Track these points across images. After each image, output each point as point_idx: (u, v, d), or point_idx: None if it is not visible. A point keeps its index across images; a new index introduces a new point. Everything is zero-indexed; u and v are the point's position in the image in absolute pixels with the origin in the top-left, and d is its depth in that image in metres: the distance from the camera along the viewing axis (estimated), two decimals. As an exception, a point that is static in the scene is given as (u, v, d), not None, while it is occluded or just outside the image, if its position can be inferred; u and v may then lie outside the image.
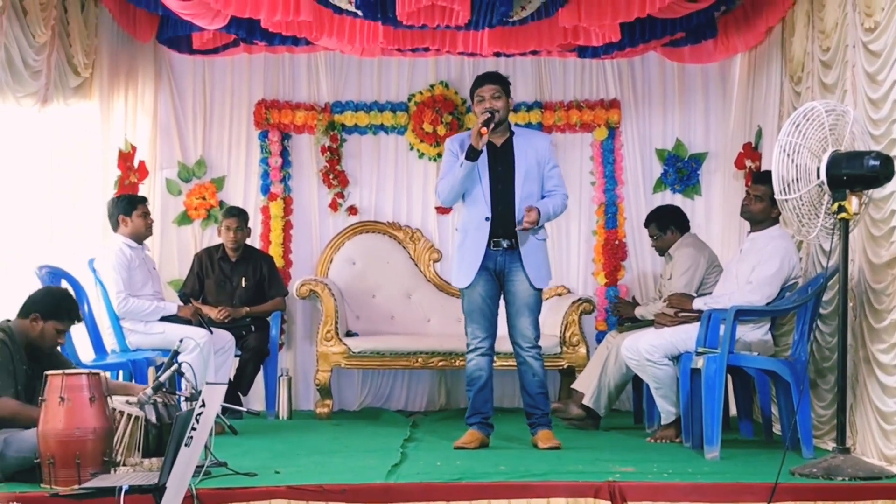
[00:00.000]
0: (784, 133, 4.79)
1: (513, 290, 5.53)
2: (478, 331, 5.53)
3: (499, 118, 5.45)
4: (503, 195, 5.48)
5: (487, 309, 5.53)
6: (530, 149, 5.55)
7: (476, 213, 5.50)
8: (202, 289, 7.14)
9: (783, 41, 6.45)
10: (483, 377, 5.52)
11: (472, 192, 5.50)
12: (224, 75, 7.75)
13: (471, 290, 5.51)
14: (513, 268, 5.51)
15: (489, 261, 5.50)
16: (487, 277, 5.51)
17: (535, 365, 5.53)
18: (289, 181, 7.73)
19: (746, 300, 5.48)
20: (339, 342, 6.98)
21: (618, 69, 7.78)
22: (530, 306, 5.53)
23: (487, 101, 5.46)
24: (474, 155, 5.37)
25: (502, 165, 5.51)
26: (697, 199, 7.68)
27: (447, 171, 5.54)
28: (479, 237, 5.48)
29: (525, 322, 5.52)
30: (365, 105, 7.77)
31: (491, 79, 5.55)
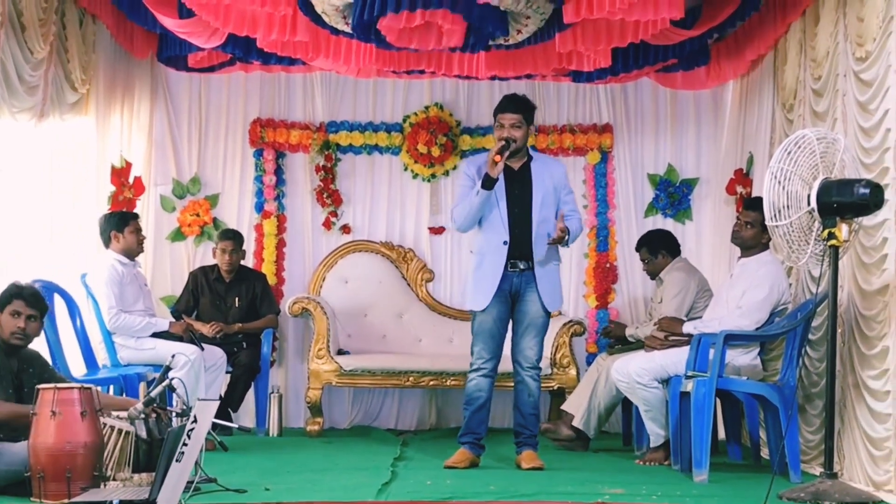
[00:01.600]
0: (775, 160, 4.80)
1: (524, 310, 5.51)
2: (484, 352, 5.50)
3: (516, 147, 5.44)
4: (520, 219, 5.47)
5: (497, 331, 5.51)
6: (547, 174, 5.54)
7: (493, 238, 5.48)
8: (196, 306, 7.14)
9: (775, 69, 6.48)
10: (482, 398, 5.50)
11: (488, 217, 5.48)
12: (220, 93, 7.76)
13: (483, 313, 5.50)
14: (527, 289, 5.50)
15: (505, 282, 5.48)
16: (502, 299, 5.49)
17: (532, 385, 5.52)
18: (283, 199, 7.74)
19: (736, 325, 5.49)
20: (331, 360, 6.97)
21: (611, 94, 7.81)
22: (538, 327, 5.52)
23: (506, 130, 5.43)
24: (490, 183, 5.36)
25: (519, 189, 5.49)
26: (688, 223, 7.70)
27: (462, 196, 5.53)
28: (496, 261, 5.46)
29: (530, 342, 5.51)
30: (360, 125, 7.78)
31: (514, 107, 5.48)
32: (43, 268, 6.16)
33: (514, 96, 5.62)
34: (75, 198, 6.69)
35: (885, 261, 4.79)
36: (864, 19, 4.97)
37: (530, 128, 5.54)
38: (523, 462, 5.48)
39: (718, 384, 5.27)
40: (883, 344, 4.77)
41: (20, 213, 6.20)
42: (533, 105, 5.61)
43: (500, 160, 5.30)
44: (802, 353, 5.41)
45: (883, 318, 4.80)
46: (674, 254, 6.68)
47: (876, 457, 4.76)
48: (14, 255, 6.08)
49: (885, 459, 4.67)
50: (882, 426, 4.73)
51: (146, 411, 4.48)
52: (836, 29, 5.41)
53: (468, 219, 5.47)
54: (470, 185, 5.48)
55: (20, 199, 6.20)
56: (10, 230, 6.04)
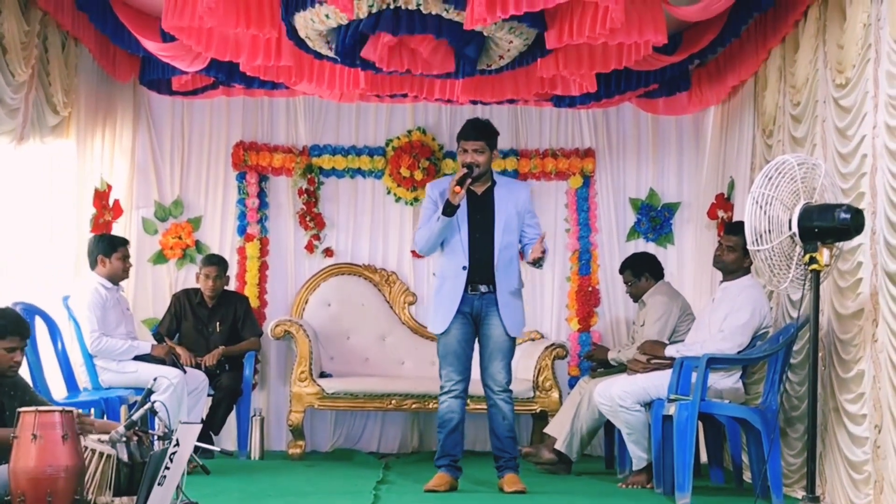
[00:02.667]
0: (757, 185, 4.83)
1: (487, 334, 5.52)
2: (452, 373, 5.51)
3: (479, 172, 5.45)
4: (481, 244, 5.48)
5: (462, 352, 5.52)
6: (511, 199, 5.55)
7: (454, 262, 5.50)
8: (178, 329, 7.10)
9: (756, 95, 6.52)
10: (455, 419, 5.50)
11: (450, 241, 5.50)
12: (203, 116, 7.75)
13: (446, 335, 5.51)
14: (489, 312, 5.51)
15: (465, 305, 5.50)
16: (463, 321, 5.51)
17: (504, 409, 5.51)
18: (265, 222, 7.72)
19: (718, 348, 5.50)
20: (313, 383, 6.94)
21: (593, 119, 7.84)
22: (503, 351, 5.53)
23: (469, 156, 5.45)
24: (451, 211, 5.37)
25: (482, 214, 5.51)
26: (670, 247, 7.72)
27: (425, 220, 5.54)
28: (455, 285, 5.48)
29: (497, 366, 5.51)
30: (343, 149, 7.79)
31: (476, 133, 5.49)
32: (23, 290, 6.12)
33: (476, 122, 5.62)
34: (56, 220, 6.65)
35: (860, 285, 4.81)
36: (844, 46, 5.01)
37: (494, 153, 5.54)
38: (506, 485, 5.47)
39: (701, 407, 5.26)
40: (858, 367, 4.79)
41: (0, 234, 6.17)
42: (495, 130, 5.60)
43: (461, 191, 5.31)
44: (784, 377, 5.42)
45: (858, 341, 4.82)
46: (657, 277, 6.70)
47: (856, 480, 4.77)
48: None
49: (864, 483, 4.68)
50: (860, 450, 4.75)
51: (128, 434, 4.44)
52: (815, 56, 5.45)
53: (428, 243, 5.50)
54: (433, 209, 5.49)
55: (0, 221, 6.17)
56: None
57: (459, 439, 5.56)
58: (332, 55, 5.95)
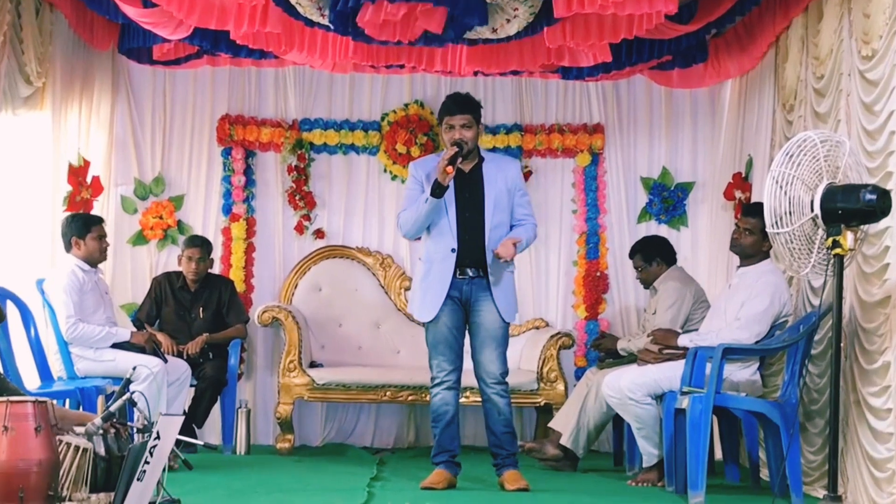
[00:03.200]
0: (776, 163, 4.82)
1: (479, 321, 5.51)
2: (444, 363, 5.51)
3: (468, 149, 5.45)
4: (471, 224, 5.48)
5: (454, 340, 5.52)
6: (500, 176, 5.55)
7: (441, 245, 5.50)
8: (159, 315, 7.10)
9: (776, 67, 6.50)
10: (450, 412, 5.51)
11: (437, 223, 5.50)
12: (186, 88, 7.73)
13: (435, 323, 5.51)
14: (480, 297, 5.50)
15: (454, 290, 5.50)
16: (453, 307, 5.51)
17: (500, 403, 5.51)
18: (252, 201, 7.72)
19: (734, 338, 5.50)
20: (303, 373, 6.94)
21: (602, 92, 7.82)
22: (497, 339, 5.52)
23: (457, 132, 5.45)
24: (440, 191, 5.36)
25: (470, 192, 5.51)
26: (683, 230, 7.72)
27: (410, 201, 5.54)
28: (444, 269, 5.48)
29: (490, 355, 5.51)
30: (335, 123, 7.78)
31: (461, 107, 5.50)
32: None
33: (457, 96, 5.63)
34: (29, 198, 6.64)
35: (887, 270, 4.81)
36: (871, 15, 4.99)
37: (480, 127, 5.56)
38: (507, 483, 5.48)
39: (716, 400, 5.27)
40: (884, 359, 4.79)
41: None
42: (479, 104, 5.61)
43: (452, 171, 5.30)
44: (804, 369, 5.42)
45: (884, 331, 4.82)
46: (669, 262, 6.70)
47: (879, 479, 4.78)
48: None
49: (888, 482, 4.69)
50: (884, 446, 4.75)
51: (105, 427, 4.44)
52: (840, 25, 5.43)
53: (414, 226, 5.50)
54: (418, 190, 5.49)
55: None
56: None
57: (456, 433, 5.58)
58: (324, 22, 5.93)
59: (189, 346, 6.88)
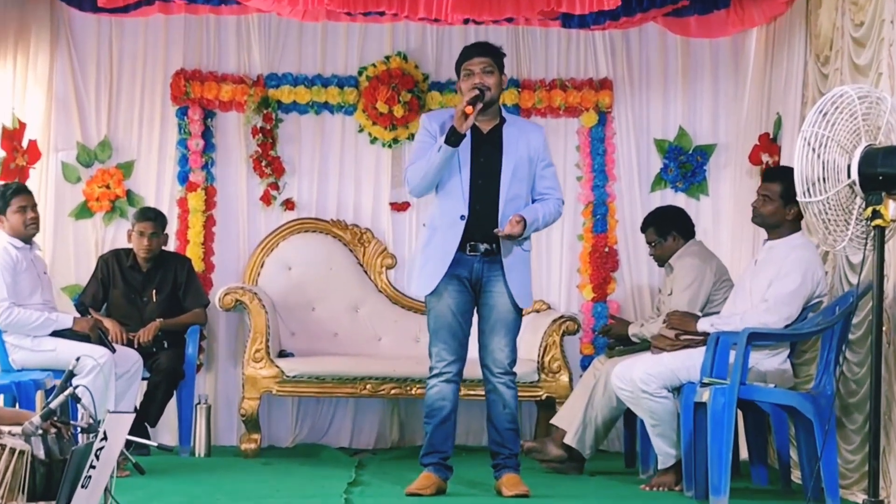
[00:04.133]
0: (809, 123, 4.81)
1: (490, 304, 5.52)
2: (445, 352, 5.50)
3: (489, 97, 5.44)
4: (485, 192, 5.47)
5: (458, 326, 5.52)
6: (522, 141, 5.54)
7: (450, 210, 5.49)
8: (106, 299, 7.08)
9: (808, 13, 6.51)
10: (446, 408, 5.50)
11: (447, 184, 5.49)
12: (135, 39, 7.68)
13: (438, 301, 5.49)
14: (492, 278, 5.50)
15: (463, 268, 5.48)
16: (460, 287, 5.50)
17: (506, 395, 5.51)
18: (212, 168, 7.69)
19: (761, 321, 5.50)
20: (271, 364, 6.93)
21: (610, 43, 7.80)
22: (508, 325, 5.53)
23: (477, 77, 5.45)
24: (456, 139, 5.36)
25: (487, 157, 5.50)
26: (704, 199, 7.72)
27: (420, 153, 5.53)
28: (449, 237, 5.47)
29: (500, 342, 5.51)
30: (306, 79, 7.75)
31: (481, 50, 5.54)
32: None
33: (480, 42, 5.72)
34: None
35: (937, 244, 4.82)
36: (918, -47, 4.98)
37: (503, 77, 5.56)
38: (504, 488, 5.48)
39: (740, 393, 5.27)
40: (933, 345, 4.80)
41: None
42: (502, 51, 5.64)
43: (473, 112, 5.30)
44: (841, 356, 5.42)
45: (933, 312, 4.83)
46: (687, 236, 6.70)
47: (926, 480, 4.79)
48: None
49: (937, 484, 4.70)
50: (933, 444, 4.77)
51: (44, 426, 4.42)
52: (882, -36, 5.42)
53: (425, 180, 5.48)
54: (430, 143, 5.49)
55: None
56: None
57: (451, 432, 5.57)
58: (292, -37, 5.89)
59: (140, 334, 6.86)
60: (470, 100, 5.33)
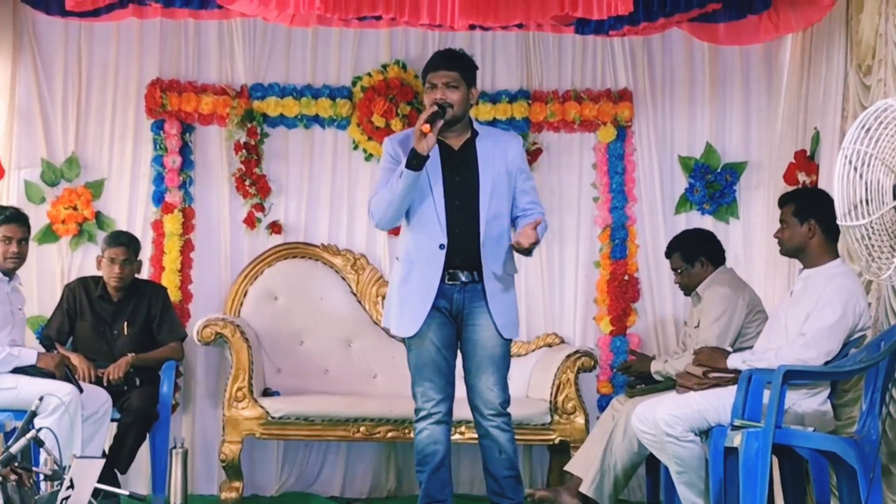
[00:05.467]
0: (850, 139, 4.81)
1: (474, 338, 5.52)
2: (431, 391, 5.51)
3: (452, 115, 5.43)
4: (463, 214, 5.47)
5: (443, 361, 5.52)
6: (499, 154, 5.55)
7: (426, 240, 5.48)
8: (72, 332, 7.07)
9: (848, 18, 6.53)
10: (439, 453, 5.50)
11: (419, 211, 5.48)
12: (106, 46, 7.72)
13: (420, 340, 5.49)
14: (474, 309, 5.50)
15: (443, 299, 5.49)
16: (442, 321, 5.50)
17: (501, 438, 5.50)
18: (190, 187, 7.71)
19: (798, 357, 5.49)
20: (254, 404, 6.93)
21: (630, 50, 7.84)
22: (496, 361, 5.52)
23: (439, 91, 5.46)
24: (418, 162, 5.33)
25: (461, 174, 5.50)
26: (734, 222, 7.75)
27: (383, 181, 5.52)
28: (430, 271, 5.46)
29: (489, 381, 5.51)
30: (294, 89, 7.78)
31: (446, 62, 5.53)
32: None
33: (447, 51, 5.73)
34: None
35: None
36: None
37: (472, 91, 5.56)
38: (510, 542, 5.49)
39: (776, 437, 5.25)
40: None
41: None
42: (473, 63, 5.64)
43: (431, 131, 5.28)
44: (887, 397, 5.40)
45: None
46: (716, 262, 6.71)
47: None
48: None
49: None
50: None
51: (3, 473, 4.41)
52: (931, -36, 5.44)
53: (389, 210, 5.47)
54: (393, 168, 5.48)
55: None
56: None
57: (447, 478, 5.57)
58: (280, -39, 5.91)
59: (110, 371, 6.84)
60: (428, 117, 5.31)
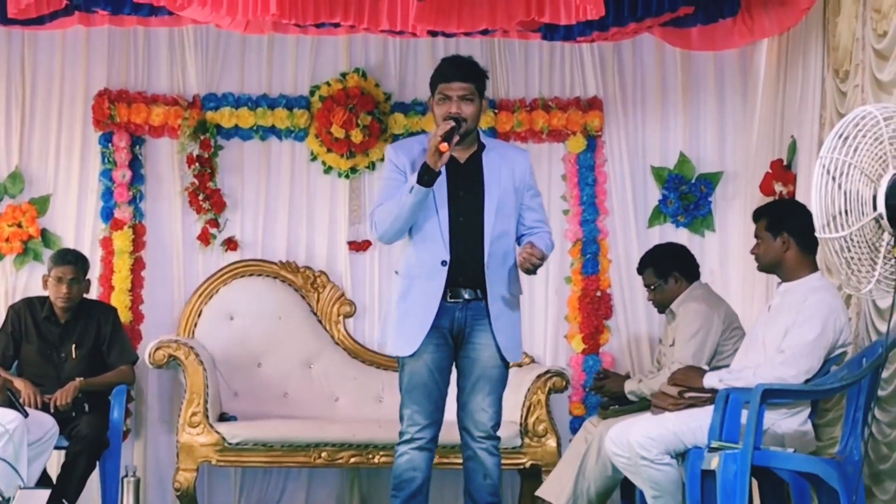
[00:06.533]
0: (827, 148, 4.82)
1: (474, 357, 5.50)
2: (418, 415, 5.48)
3: (466, 129, 5.42)
4: (467, 231, 5.46)
5: (434, 386, 5.49)
6: (505, 169, 5.53)
7: (428, 255, 5.47)
8: (17, 355, 7.03)
9: (825, 22, 6.55)
10: (417, 480, 5.47)
11: (423, 226, 5.47)
12: (51, 55, 7.71)
13: (415, 360, 5.47)
14: (477, 327, 5.48)
15: (443, 317, 5.46)
16: (439, 341, 5.48)
17: (488, 463, 5.49)
18: (141, 203, 7.70)
19: (777, 376, 5.50)
20: (210, 429, 6.92)
21: (599, 57, 7.87)
22: (493, 382, 5.51)
23: (454, 104, 5.43)
24: (430, 178, 5.33)
25: (466, 190, 5.48)
26: (709, 235, 7.78)
27: (388, 193, 5.50)
28: (431, 288, 5.44)
29: (483, 401, 5.49)
30: (249, 99, 7.79)
31: (463, 73, 5.47)
32: None
33: (459, 59, 5.63)
34: None
35: (976, 287, 4.83)
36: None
37: (483, 102, 5.54)
38: (485, 570, 5.47)
39: (755, 459, 5.25)
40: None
41: None
42: (485, 72, 5.61)
43: (448, 149, 5.28)
44: (870, 416, 5.43)
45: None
46: (690, 277, 6.73)
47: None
48: None
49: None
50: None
51: (-54, 506, 4.39)
52: (908, -34, 5.48)
53: (395, 224, 5.45)
54: (400, 179, 5.47)
55: None
56: None
57: (423, 505, 5.56)
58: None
59: (57, 396, 6.80)
60: (444, 135, 5.29)
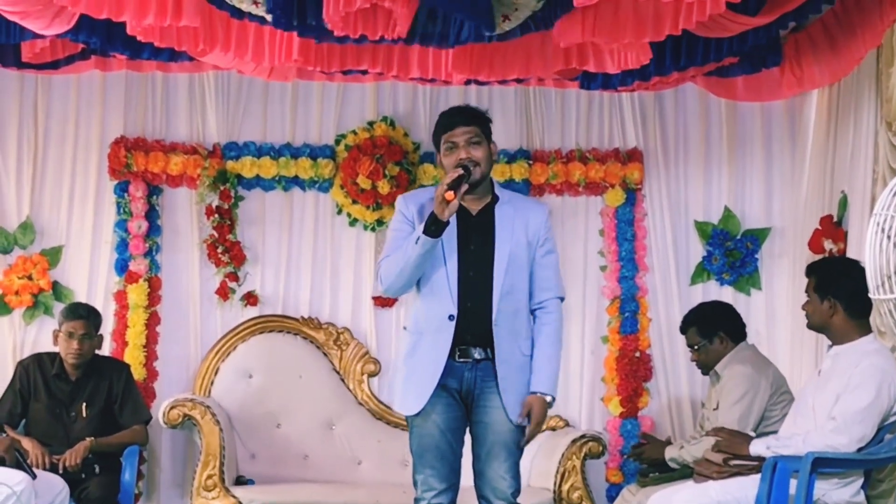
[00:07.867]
0: (881, 204, 4.85)
1: (485, 421, 5.50)
2: (433, 479, 5.48)
3: (481, 174, 5.45)
4: (476, 286, 5.46)
5: (448, 447, 5.49)
6: (519, 222, 5.51)
7: (436, 310, 5.48)
8: (26, 413, 7.05)
9: (878, 73, 6.54)
10: (436, 548, 5.48)
11: (431, 279, 5.48)
12: (66, 100, 7.77)
13: (423, 420, 5.49)
14: (486, 389, 5.48)
15: (452, 378, 5.47)
16: (449, 401, 5.48)
17: (511, 530, 5.50)
18: (157, 255, 7.74)
19: (828, 443, 5.49)
20: (226, 493, 6.93)
21: (640, 107, 7.91)
22: (508, 447, 5.50)
23: (462, 150, 5.43)
24: (437, 229, 5.33)
25: (477, 243, 5.47)
26: (756, 294, 7.78)
27: (395, 244, 5.53)
28: (438, 343, 5.45)
29: (500, 468, 5.48)
30: (272, 149, 7.83)
31: (465, 117, 5.48)
32: None
33: (457, 107, 5.65)
34: None
35: None
36: None
37: (492, 147, 5.55)
38: None
39: (804, 531, 5.27)
40: None
41: None
42: (487, 115, 5.58)
43: (455, 197, 5.28)
44: (925, 486, 5.44)
45: None
46: (736, 338, 6.71)
47: None
48: None
49: None
50: None
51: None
52: (967, 17, 5.51)
53: (402, 277, 5.45)
54: (407, 230, 5.46)
55: None
56: None
57: (447, 579, 5.54)
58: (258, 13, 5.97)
59: (67, 457, 6.82)
60: (452, 182, 5.25)
